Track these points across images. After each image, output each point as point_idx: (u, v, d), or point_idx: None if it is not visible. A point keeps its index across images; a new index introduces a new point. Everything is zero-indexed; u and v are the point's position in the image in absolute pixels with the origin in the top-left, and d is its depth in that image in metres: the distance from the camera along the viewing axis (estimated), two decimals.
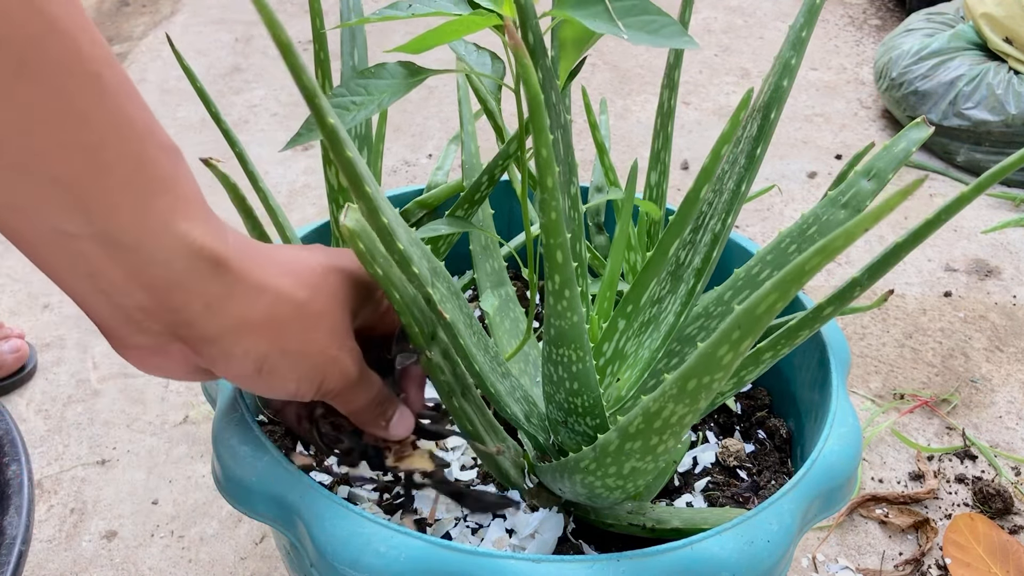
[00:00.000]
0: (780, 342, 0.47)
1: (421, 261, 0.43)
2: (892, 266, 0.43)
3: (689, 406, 0.38)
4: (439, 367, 0.46)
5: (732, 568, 0.45)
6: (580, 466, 0.46)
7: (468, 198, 0.58)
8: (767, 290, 0.31)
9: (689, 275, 0.51)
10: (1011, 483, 0.94)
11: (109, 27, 1.95)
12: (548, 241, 0.39)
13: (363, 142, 0.65)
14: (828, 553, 0.87)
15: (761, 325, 0.32)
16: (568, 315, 0.42)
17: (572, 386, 0.46)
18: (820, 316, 0.45)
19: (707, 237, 0.50)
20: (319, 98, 0.33)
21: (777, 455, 0.63)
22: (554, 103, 0.46)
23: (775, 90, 0.48)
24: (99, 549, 0.84)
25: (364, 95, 0.46)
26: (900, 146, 0.49)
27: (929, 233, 0.40)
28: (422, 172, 1.49)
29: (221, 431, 0.52)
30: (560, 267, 0.40)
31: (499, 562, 0.43)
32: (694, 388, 0.37)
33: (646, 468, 0.44)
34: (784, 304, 0.31)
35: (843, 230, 0.27)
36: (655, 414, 0.39)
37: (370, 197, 0.38)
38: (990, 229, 1.38)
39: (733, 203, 0.49)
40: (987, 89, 1.48)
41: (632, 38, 0.40)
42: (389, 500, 0.56)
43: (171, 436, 0.97)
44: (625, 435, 0.41)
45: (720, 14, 2.15)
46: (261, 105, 1.67)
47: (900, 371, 1.10)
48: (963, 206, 0.38)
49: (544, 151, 0.36)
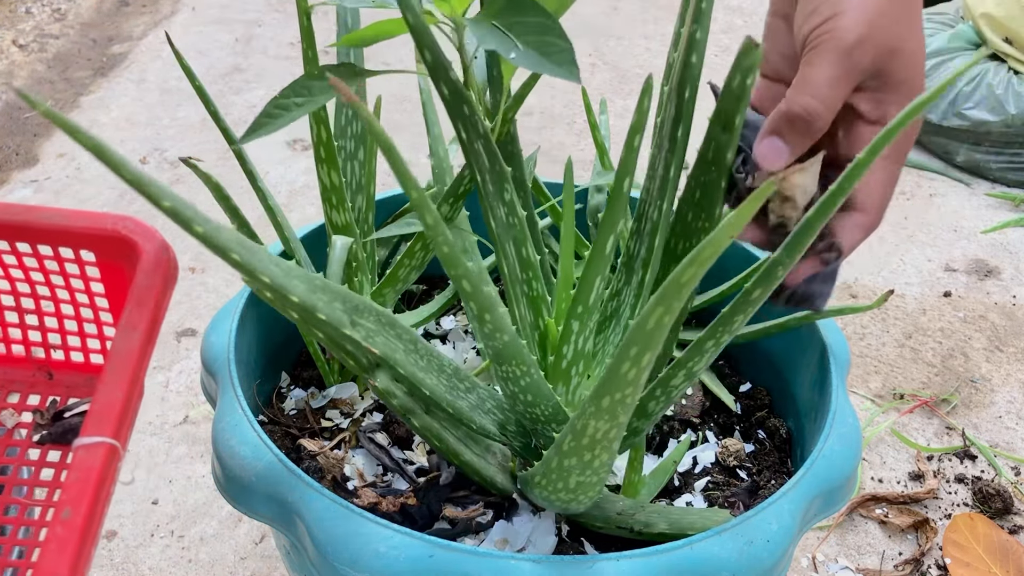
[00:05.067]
0: (718, 330, 0.45)
1: (331, 305, 0.42)
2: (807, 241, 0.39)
3: (610, 422, 0.39)
4: (389, 392, 0.46)
5: (732, 568, 0.45)
6: (534, 480, 0.46)
7: (451, 193, 0.58)
8: (652, 306, 0.31)
9: (638, 266, 0.51)
10: (1011, 483, 0.94)
11: (109, 27, 1.95)
12: (451, 273, 0.40)
13: (359, 141, 0.65)
14: (828, 553, 0.87)
15: (656, 340, 0.33)
16: (497, 335, 0.43)
17: (526, 398, 0.46)
18: (750, 300, 0.43)
19: (648, 226, 0.49)
20: (149, 185, 0.33)
21: (777, 455, 0.63)
22: (468, 115, 0.45)
23: (685, 67, 0.45)
24: (99, 549, 0.84)
25: (306, 96, 0.47)
26: (736, 81, 0.42)
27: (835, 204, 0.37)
28: (422, 172, 1.49)
29: (221, 431, 0.52)
30: (471, 295, 0.41)
31: (499, 562, 0.43)
32: (609, 405, 0.37)
33: (589, 481, 0.45)
34: (672, 318, 0.31)
35: (709, 240, 0.27)
36: (581, 432, 0.40)
37: (240, 263, 0.37)
38: (990, 229, 1.38)
39: (665, 188, 0.47)
40: (987, 89, 1.48)
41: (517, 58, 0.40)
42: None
43: (171, 436, 0.97)
44: (561, 452, 0.42)
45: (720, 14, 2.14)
46: (261, 105, 1.66)
47: (900, 371, 1.10)
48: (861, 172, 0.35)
49: (414, 193, 0.35)
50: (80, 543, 0.37)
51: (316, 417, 0.63)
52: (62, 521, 0.37)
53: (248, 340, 0.60)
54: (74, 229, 0.51)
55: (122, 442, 0.41)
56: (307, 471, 0.54)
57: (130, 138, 1.54)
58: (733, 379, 0.70)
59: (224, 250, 0.37)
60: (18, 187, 1.40)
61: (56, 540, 0.36)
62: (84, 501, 0.38)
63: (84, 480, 0.38)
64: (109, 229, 0.50)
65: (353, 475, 0.58)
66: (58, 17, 1.98)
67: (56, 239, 0.51)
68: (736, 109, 0.42)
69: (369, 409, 0.64)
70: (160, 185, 0.34)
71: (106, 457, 0.39)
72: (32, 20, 1.95)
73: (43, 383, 0.57)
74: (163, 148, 1.51)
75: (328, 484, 0.56)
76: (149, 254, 0.48)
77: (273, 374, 0.67)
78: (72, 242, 0.51)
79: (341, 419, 0.63)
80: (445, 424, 0.51)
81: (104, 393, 0.42)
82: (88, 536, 0.37)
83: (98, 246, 0.51)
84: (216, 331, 0.59)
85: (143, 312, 0.45)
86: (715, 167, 0.45)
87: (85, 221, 0.50)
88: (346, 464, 0.58)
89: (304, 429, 0.62)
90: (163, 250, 0.49)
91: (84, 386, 0.57)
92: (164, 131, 1.56)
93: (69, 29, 1.94)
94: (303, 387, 0.67)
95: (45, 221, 0.50)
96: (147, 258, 0.48)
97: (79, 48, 1.86)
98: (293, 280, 0.40)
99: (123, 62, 1.81)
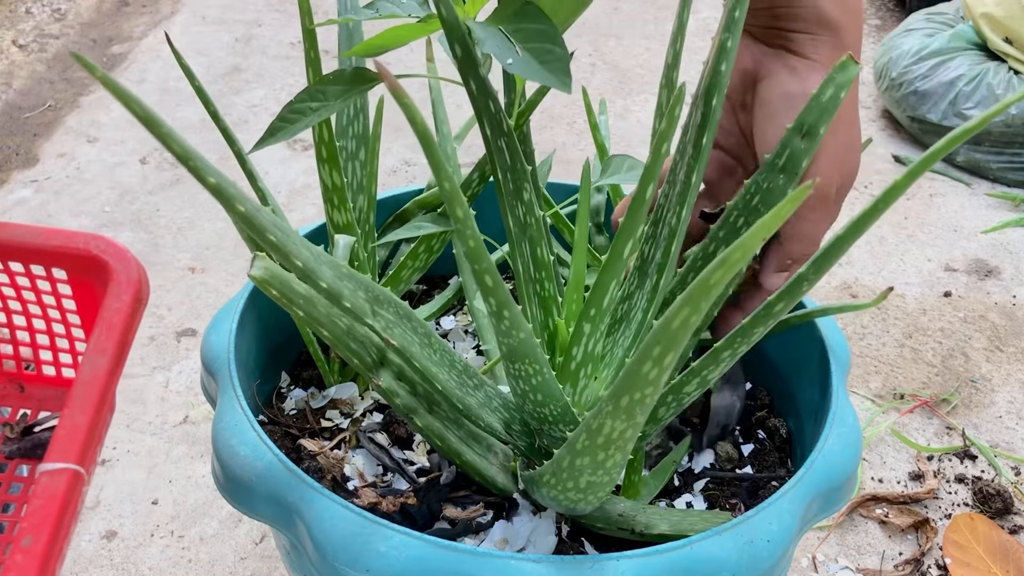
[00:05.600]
0: (736, 340, 0.46)
1: (355, 294, 0.42)
2: (836, 258, 0.42)
3: (627, 422, 0.38)
4: (392, 391, 0.47)
5: (732, 568, 0.45)
6: (543, 480, 0.46)
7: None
8: (679, 306, 0.31)
9: (652, 270, 0.51)
10: (1011, 483, 0.94)
11: (109, 27, 1.95)
12: (474, 267, 0.40)
13: (360, 141, 0.65)
14: (828, 553, 0.87)
15: (679, 340, 0.32)
16: (514, 333, 0.43)
17: (536, 397, 0.46)
18: (771, 313, 0.45)
19: (665, 231, 0.50)
20: (194, 159, 0.34)
21: (777, 455, 0.63)
22: (493, 112, 0.46)
23: (713, 75, 0.46)
24: (99, 549, 0.84)
25: (321, 100, 0.47)
26: (828, 94, 0.45)
27: (868, 224, 0.39)
28: (422, 172, 1.49)
29: (221, 431, 0.51)
30: (492, 290, 0.41)
31: (499, 562, 0.43)
32: (628, 404, 0.37)
33: (600, 481, 0.44)
34: (699, 318, 0.31)
35: (740, 243, 0.27)
36: (596, 431, 0.40)
37: (276, 245, 0.38)
38: (990, 229, 1.38)
39: (685, 194, 0.48)
40: (987, 89, 1.48)
41: (515, 64, 0.41)
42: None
43: (171, 436, 0.97)
44: (574, 451, 0.42)
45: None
46: (261, 105, 1.67)
47: (900, 371, 1.10)
48: (898, 195, 0.37)
49: (447, 184, 0.36)
50: (40, 571, 0.36)
51: (316, 417, 0.63)
52: (22, 549, 0.36)
53: (248, 340, 0.60)
54: (46, 248, 0.50)
55: (87, 467, 0.41)
56: (307, 471, 0.54)
57: (130, 138, 1.54)
58: None
59: (262, 230, 0.37)
60: (18, 187, 1.40)
61: (16, 568, 0.36)
62: (45, 530, 0.37)
63: (47, 508, 0.38)
64: (81, 248, 0.50)
65: (353, 475, 0.58)
66: (58, 17, 1.98)
67: (28, 257, 0.51)
68: (821, 120, 0.45)
69: (369, 409, 0.64)
70: (205, 161, 0.34)
71: (69, 484, 0.39)
72: (32, 20, 1.95)
73: (14, 396, 0.57)
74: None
75: (328, 484, 0.56)
76: (120, 275, 0.48)
77: (273, 374, 0.67)
78: (44, 260, 0.51)
79: (341, 419, 0.63)
80: (447, 424, 0.51)
81: (70, 418, 0.41)
82: (49, 563, 0.37)
83: (70, 264, 0.51)
84: (216, 331, 0.59)
85: (112, 335, 0.45)
86: (783, 174, 0.47)
87: (57, 240, 0.50)
88: (346, 464, 0.58)
89: (304, 429, 0.62)
90: (134, 270, 0.49)
91: (55, 399, 0.57)
92: None
93: (69, 29, 1.94)
94: (303, 387, 0.67)
95: (17, 239, 0.50)
96: (117, 279, 0.48)
97: (79, 48, 1.86)
98: (322, 266, 0.41)
99: (123, 62, 1.81)
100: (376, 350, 0.47)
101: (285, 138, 0.47)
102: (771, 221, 0.26)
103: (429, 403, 0.49)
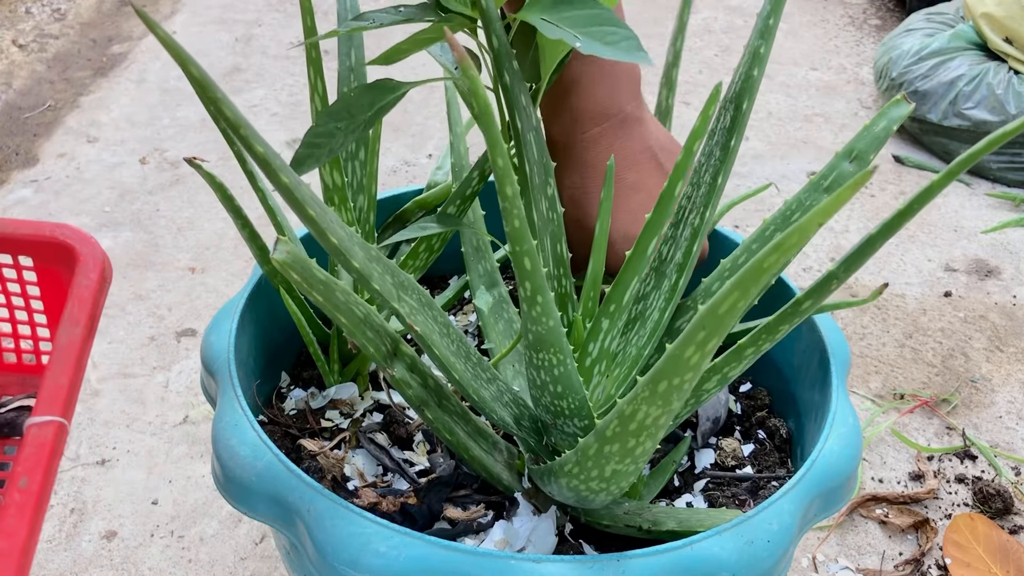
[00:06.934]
0: (761, 337, 0.46)
1: (383, 277, 0.42)
2: (867, 257, 0.42)
3: (662, 407, 0.38)
4: (405, 382, 0.47)
5: (732, 568, 0.45)
6: (564, 470, 0.46)
7: (460, 194, 0.58)
8: (728, 289, 0.31)
9: (671, 270, 0.51)
10: (1011, 483, 0.94)
11: (109, 27, 1.95)
12: (514, 249, 0.40)
13: (360, 141, 0.65)
14: (828, 553, 0.87)
15: (725, 325, 0.32)
16: (543, 320, 0.43)
17: (556, 389, 0.46)
18: (799, 311, 0.45)
19: (687, 232, 0.50)
20: (245, 127, 0.34)
21: (777, 455, 0.63)
22: (524, 105, 0.46)
23: (745, 80, 0.48)
24: (99, 549, 0.84)
25: (347, 118, 0.47)
26: (880, 125, 0.48)
27: (901, 224, 0.40)
28: (422, 172, 1.49)
29: (221, 431, 0.52)
30: (529, 274, 0.41)
31: (499, 562, 0.43)
32: (665, 390, 0.37)
33: (626, 471, 0.44)
34: (746, 303, 0.31)
35: (797, 226, 0.27)
36: (629, 417, 0.39)
37: (315, 220, 0.38)
38: (990, 229, 1.38)
39: (710, 196, 0.49)
40: (987, 89, 1.48)
41: (584, 46, 0.41)
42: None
43: (171, 436, 0.97)
44: (603, 439, 0.42)
45: (720, 14, 2.14)
46: (261, 105, 1.66)
47: (900, 371, 1.10)
48: (933, 196, 0.38)
49: (500, 161, 0.36)
50: (36, 506, 0.42)
51: (316, 417, 0.63)
52: (20, 489, 0.42)
53: (248, 340, 0.61)
54: (15, 236, 0.55)
55: (68, 420, 0.46)
56: (307, 471, 0.54)
57: (130, 138, 1.54)
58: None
59: (303, 204, 0.37)
60: (18, 187, 1.40)
61: (15, 505, 0.41)
62: (39, 470, 0.43)
63: (38, 453, 0.44)
64: (48, 236, 0.54)
65: (353, 475, 0.58)
66: (58, 17, 1.98)
67: None
68: (872, 148, 0.49)
69: (369, 409, 0.64)
70: (254, 130, 0.35)
71: (56, 433, 0.45)
72: (32, 20, 1.95)
73: None
74: (163, 148, 1.51)
75: (328, 484, 0.56)
76: (87, 257, 0.53)
77: (273, 374, 0.67)
78: (12, 248, 0.55)
79: (341, 419, 0.63)
80: (455, 418, 0.50)
81: (52, 379, 0.47)
82: (43, 501, 0.42)
83: (37, 251, 0.55)
84: (216, 331, 0.59)
85: (83, 308, 0.50)
86: (827, 193, 0.50)
87: (25, 229, 0.55)
88: (346, 464, 0.58)
89: (304, 429, 0.62)
90: (99, 254, 0.53)
91: (16, 385, 0.62)
92: (164, 131, 1.56)
93: (69, 29, 1.94)
94: (303, 387, 0.67)
95: None
96: (84, 261, 0.53)
97: (79, 48, 1.86)
98: (355, 246, 0.41)
99: (123, 62, 1.81)
100: (390, 340, 0.47)
101: (314, 166, 0.47)
102: (830, 206, 0.26)
103: (438, 397, 0.49)
